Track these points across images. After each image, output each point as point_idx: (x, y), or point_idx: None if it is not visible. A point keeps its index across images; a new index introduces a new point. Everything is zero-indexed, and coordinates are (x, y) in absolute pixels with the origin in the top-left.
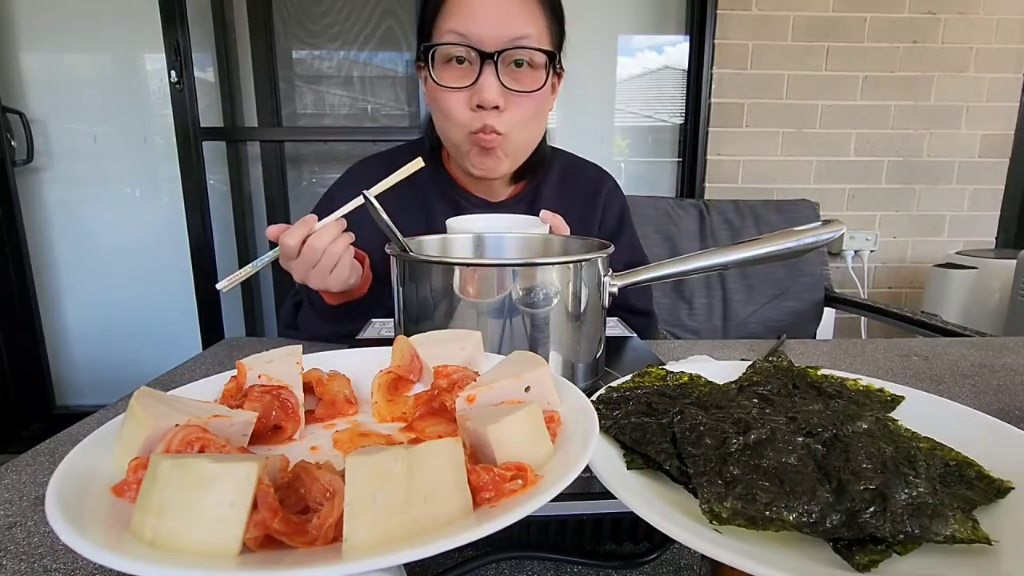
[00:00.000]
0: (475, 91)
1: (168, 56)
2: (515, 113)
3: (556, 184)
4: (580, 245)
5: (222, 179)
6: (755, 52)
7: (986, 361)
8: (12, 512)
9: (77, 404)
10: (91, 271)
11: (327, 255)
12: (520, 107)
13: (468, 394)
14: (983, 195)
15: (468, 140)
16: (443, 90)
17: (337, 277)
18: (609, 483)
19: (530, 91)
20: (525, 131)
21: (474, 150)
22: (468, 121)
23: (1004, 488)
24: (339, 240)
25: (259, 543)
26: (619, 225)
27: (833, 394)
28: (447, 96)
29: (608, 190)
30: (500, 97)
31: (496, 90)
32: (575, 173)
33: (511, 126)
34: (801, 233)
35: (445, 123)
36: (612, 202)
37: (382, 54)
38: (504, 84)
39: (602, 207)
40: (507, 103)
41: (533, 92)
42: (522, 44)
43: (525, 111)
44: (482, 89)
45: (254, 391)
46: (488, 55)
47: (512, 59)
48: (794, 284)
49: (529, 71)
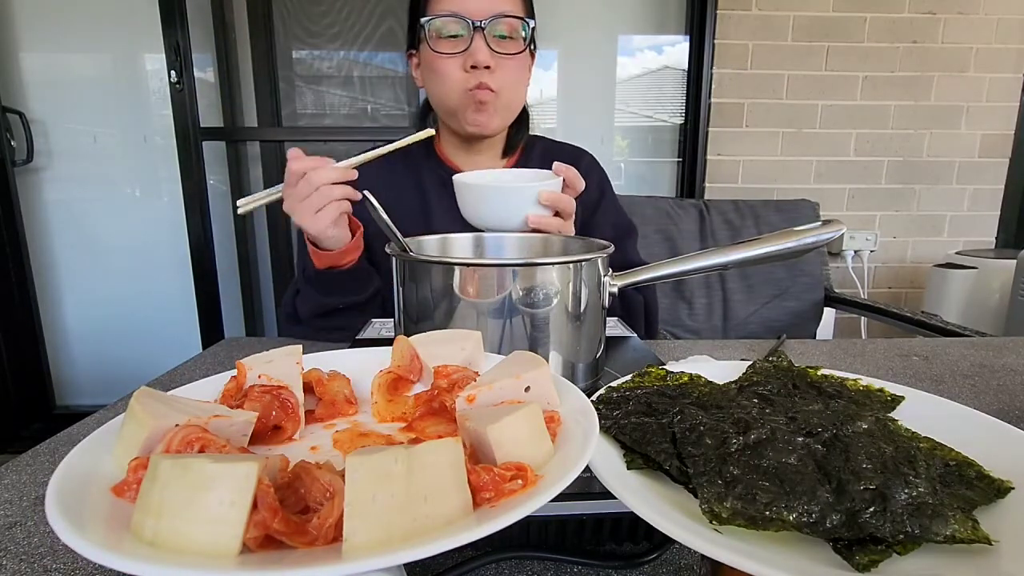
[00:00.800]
0: (468, 55)
1: (168, 56)
2: (503, 74)
3: (538, 163)
4: (580, 245)
5: (222, 179)
6: (755, 52)
7: (986, 361)
8: (12, 512)
9: (77, 404)
10: (91, 271)
11: (319, 193)
12: (506, 69)
13: (468, 394)
14: (983, 195)
15: (464, 97)
16: (441, 57)
17: (321, 219)
18: (609, 483)
19: (514, 53)
20: (512, 91)
21: (470, 107)
22: (464, 80)
23: (1004, 488)
24: (337, 186)
25: (259, 543)
26: (600, 195)
27: (833, 394)
28: (445, 62)
29: (586, 163)
30: (490, 58)
31: (486, 52)
32: (556, 152)
33: (501, 84)
34: (801, 233)
35: (442, 87)
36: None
37: (382, 54)
38: (493, 48)
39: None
40: (496, 65)
41: (516, 54)
42: (504, 13)
43: (511, 72)
44: (475, 51)
45: (254, 391)
46: (477, 25)
47: (496, 31)
48: (794, 284)
49: (511, 41)
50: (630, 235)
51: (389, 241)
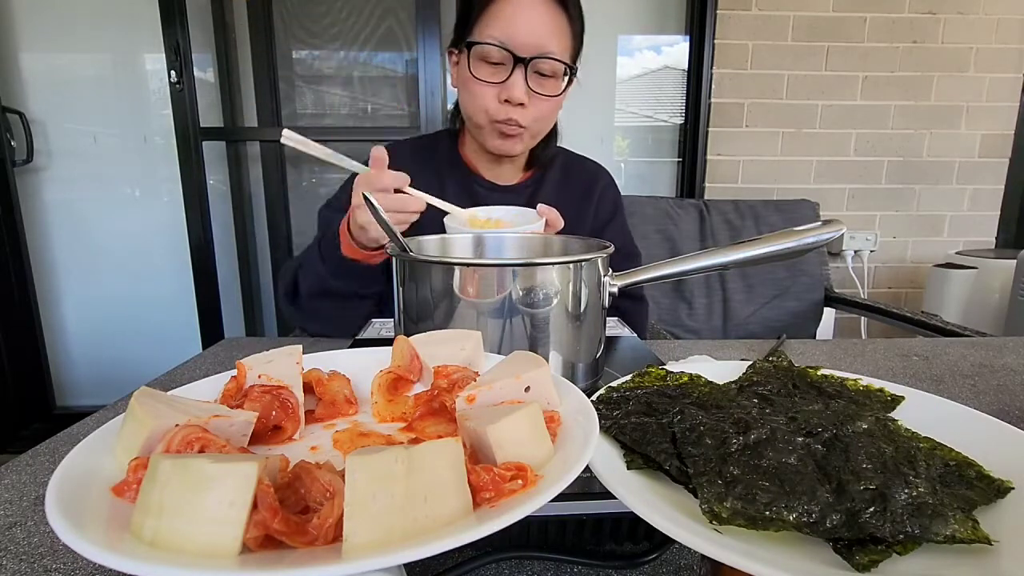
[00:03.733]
0: (505, 88)
1: (168, 56)
2: (535, 111)
3: (558, 175)
4: (580, 245)
5: (222, 179)
6: (755, 52)
7: (986, 361)
8: (12, 512)
9: (77, 404)
10: (91, 271)
11: (402, 200)
12: (540, 107)
13: (468, 394)
14: (983, 195)
15: (491, 126)
16: (478, 82)
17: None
18: (609, 483)
19: (550, 96)
20: (541, 124)
21: (495, 134)
22: (495, 112)
23: (1004, 488)
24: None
25: (259, 543)
26: (612, 215)
27: (833, 394)
28: (481, 88)
29: (604, 184)
30: (525, 96)
31: (523, 90)
32: (575, 167)
33: (531, 122)
34: (801, 233)
35: (473, 108)
36: (606, 195)
37: (382, 54)
38: (530, 86)
39: (597, 197)
40: (530, 102)
41: (553, 97)
42: (549, 55)
43: (544, 111)
44: (512, 87)
45: (254, 391)
46: (520, 59)
47: (537, 68)
48: (794, 284)
49: (551, 80)
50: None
51: (389, 241)
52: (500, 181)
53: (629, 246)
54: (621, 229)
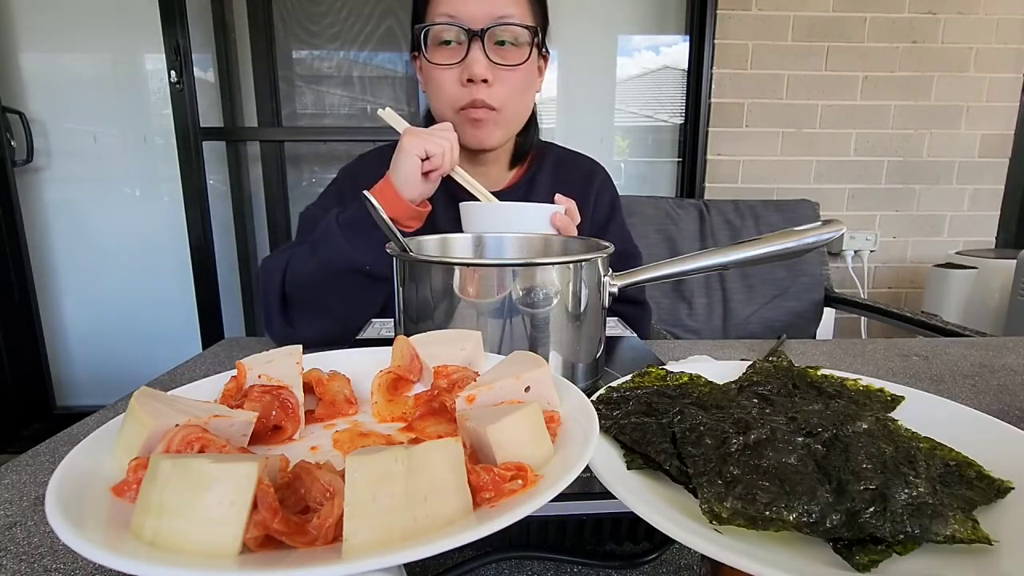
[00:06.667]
0: (464, 66)
1: (168, 56)
2: (504, 87)
3: (551, 173)
4: (580, 245)
5: (222, 179)
6: (755, 52)
7: (986, 361)
8: (12, 512)
9: (77, 404)
10: (91, 271)
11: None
12: (508, 81)
13: (468, 394)
14: (983, 195)
15: (458, 116)
16: (436, 68)
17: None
18: (609, 483)
19: (515, 64)
20: (515, 104)
21: (466, 123)
22: (458, 96)
23: (1004, 488)
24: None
25: (259, 543)
26: (609, 214)
27: (833, 394)
28: (440, 73)
29: (600, 180)
30: (488, 71)
31: (483, 64)
32: (569, 163)
33: (503, 99)
34: (801, 233)
35: (438, 102)
36: (604, 192)
37: (382, 54)
38: (491, 59)
39: (594, 196)
40: (495, 78)
41: (518, 65)
42: (505, 20)
43: (513, 85)
44: (471, 63)
45: (254, 391)
46: (475, 33)
47: (497, 38)
48: (794, 284)
49: (514, 49)
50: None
51: (389, 241)
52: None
53: (629, 246)
54: (620, 229)
